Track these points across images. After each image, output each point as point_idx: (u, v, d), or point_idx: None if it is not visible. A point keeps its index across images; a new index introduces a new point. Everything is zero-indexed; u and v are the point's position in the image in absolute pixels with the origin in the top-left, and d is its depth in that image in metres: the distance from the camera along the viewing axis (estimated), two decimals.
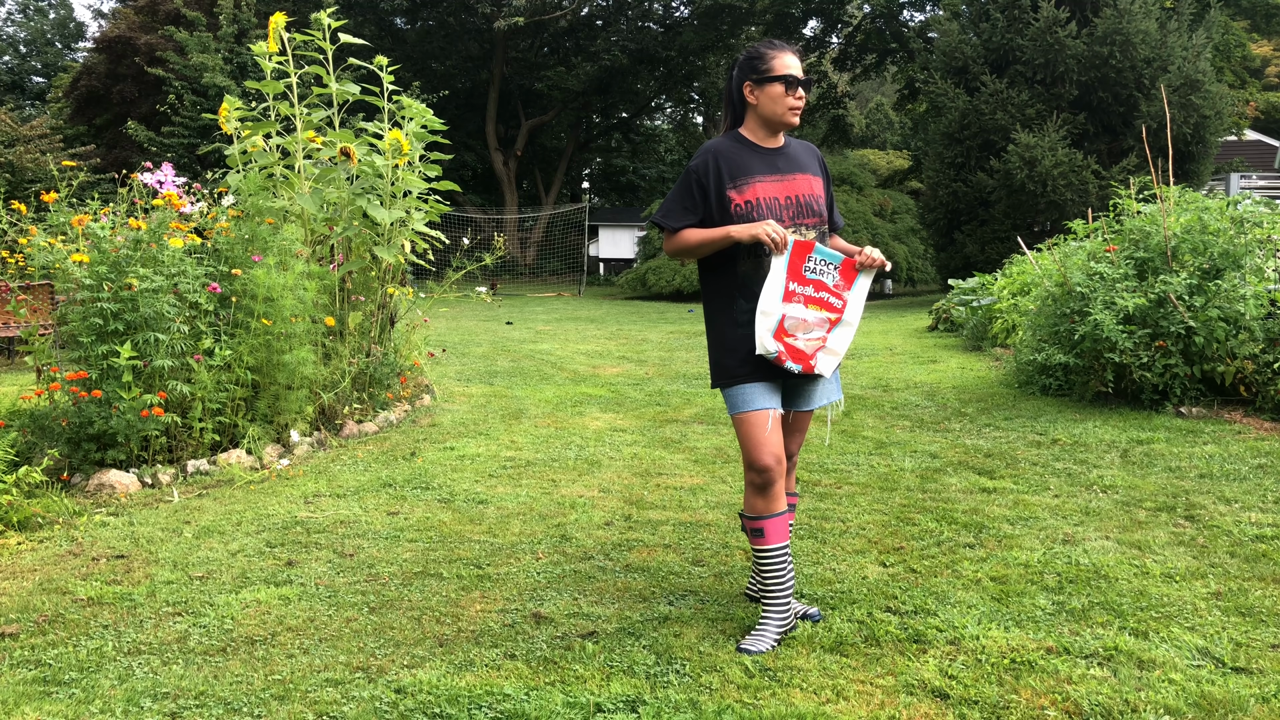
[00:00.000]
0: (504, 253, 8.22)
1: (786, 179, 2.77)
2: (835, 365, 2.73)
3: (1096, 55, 15.84)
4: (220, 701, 2.44)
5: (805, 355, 2.67)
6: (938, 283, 21.53)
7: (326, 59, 6.05)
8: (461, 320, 14.68)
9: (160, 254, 4.87)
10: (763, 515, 2.72)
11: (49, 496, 4.21)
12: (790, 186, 2.76)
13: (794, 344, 2.67)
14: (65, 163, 6.29)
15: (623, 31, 31.19)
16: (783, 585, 2.74)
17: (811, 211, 2.77)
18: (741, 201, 2.71)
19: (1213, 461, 4.70)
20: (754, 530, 2.74)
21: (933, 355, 9.46)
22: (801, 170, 2.80)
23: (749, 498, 2.76)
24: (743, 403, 2.71)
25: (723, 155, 2.76)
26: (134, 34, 23.26)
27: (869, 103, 43.98)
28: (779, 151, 2.81)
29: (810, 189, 2.79)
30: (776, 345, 2.64)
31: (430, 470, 4.87)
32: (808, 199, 2.77)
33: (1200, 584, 3.13)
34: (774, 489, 2.70)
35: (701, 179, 2.74)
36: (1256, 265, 6.11)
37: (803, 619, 2.88)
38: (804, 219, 2.76)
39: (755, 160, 2.76)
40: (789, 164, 2.80)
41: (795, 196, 2.76)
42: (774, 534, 2.71)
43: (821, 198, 2.82)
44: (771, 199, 2.73)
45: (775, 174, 2.76)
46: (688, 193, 2.76)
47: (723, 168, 2.73)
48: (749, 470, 2.73)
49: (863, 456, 5.07)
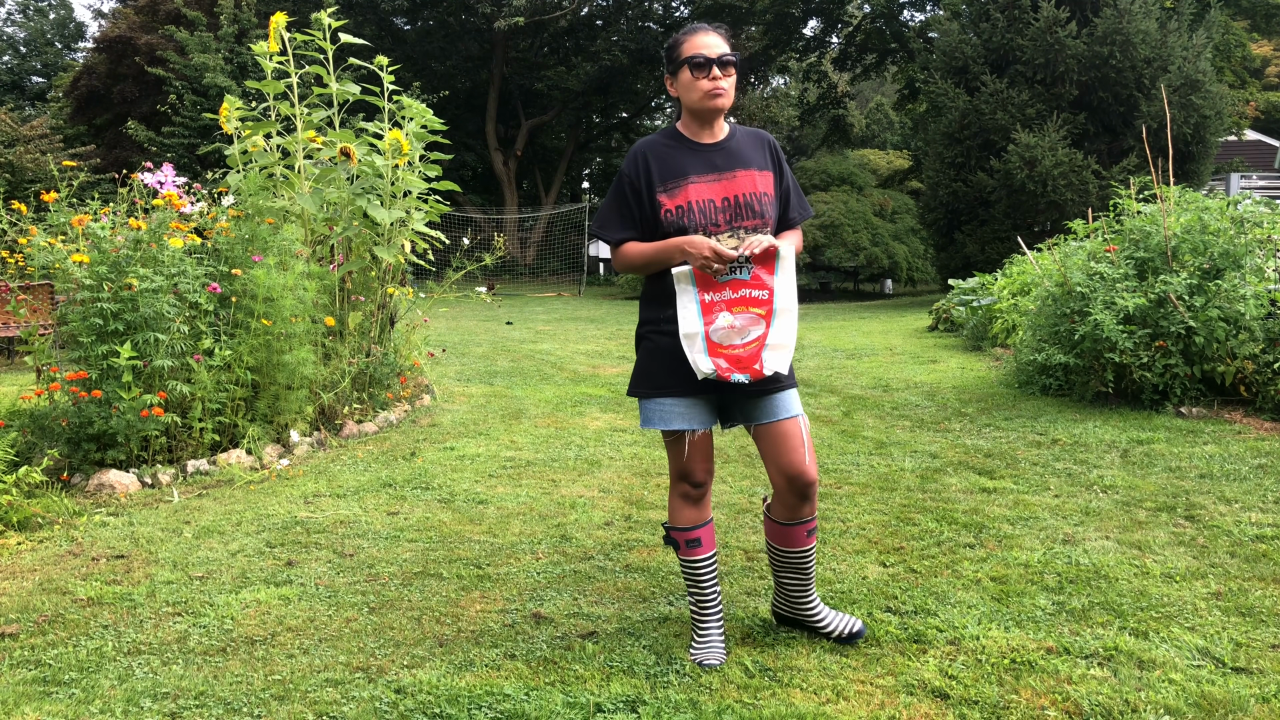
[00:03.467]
0: (504, 253, 8.22)
1: (725, 177, 2.53)
2: (787, 359, 2.47)
3: (1096, 55, 15.84)
4: (220, 701, 2.44)
5: (748, 360, 2.45)
6: (938, 283, 21.54)
7: (327, 59, 6.05)
8: (461, 320, 14.68)
9: (160, 254, 4.87)
10: (696, 525, 2.68)
11: (49, 496, 4.21)
12: (729, 186, 2.52)
13: (733, 353, 2.46)
14: (65, 163, 6.29)
15: (623, 31, 31.19)
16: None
17: (752, 212, 2.52)
18: (672, 206, 2.50)
19: (1213, 461, 4.70)
20: (690, 541, 2.67)
21: (933, 355, 9.46)
22: (744, 166, 2.55)
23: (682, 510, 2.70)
24: (657, 419, 2.59)
25: (654, 155, 2.55)
26: (134, 34, 23.28)
27: (869, 103, 43.96)
28: (718, 147, 2.57)
29: (752, 186, 2.53)
30: (710, 364, 2.45)
31: (430, 470, 4.87)
32: (748, 198, 2.52)
33: (1200, 584, 3.13)
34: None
35: (634, 182, 2.55)
36: (1257, 265, 6.10)
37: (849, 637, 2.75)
38: (742, 220, 2.52)
39: (690, 159, 2.54)
40: (729, 160, 2.55)
41: (734, 197, 2.52)
42: (708, 542, 2.70)
43: (766, 194, 2.56)
44: (706, 201, 2.50)
45: (712, 172, 2.53)
46: (622, 199, 2.57)
47: (653, 169, 2.53)
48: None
49: (863, 456, 5.07)
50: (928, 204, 18.65)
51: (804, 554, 2.69)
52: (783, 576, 2.75)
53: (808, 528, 2.66)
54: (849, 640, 2.71)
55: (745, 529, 3.83)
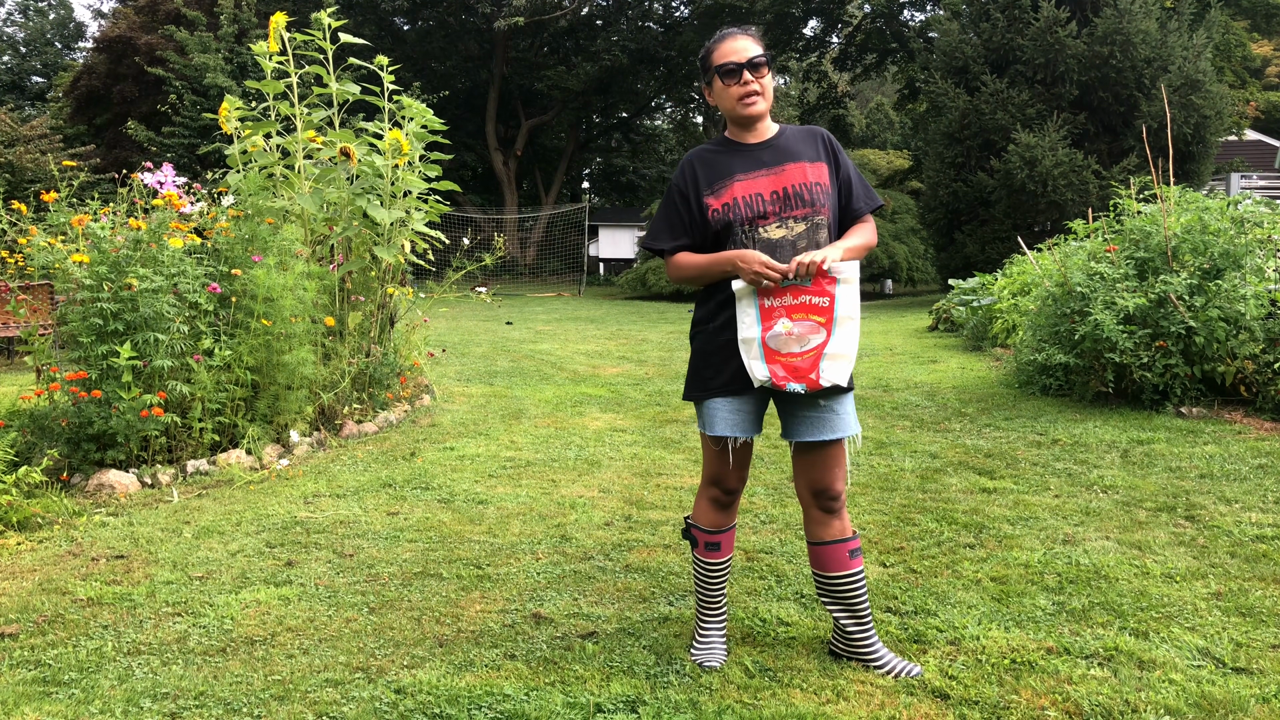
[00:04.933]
0: (504, 253, 8.22)
1: (774, 171, 2.53)
2: (847, 370, 2.41)
3: (1097, 55, 15.84)
4: (220, 702, 2.44)
5: (805, 370, 2.39)
6: (938, 283, 21.53)
7: (327, 59, 6.05)
8: (461, 320, 14.68)
9: (160, 254, 4.87)
10: (720, 529, 2.69)
11: (49, 496, 4.21)
12: (778, 179, 2.52)
13: (790, 361, 2.41)
14: (65, 163, 6.29)
15: (623, 31, 31.21)
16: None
17: (802, 202, 2.50)
18: (719, 205, 2.52)
19: (1213, 461, 4.70)
20: (710, 544, 2.68)
21: (933, 355, 9.46)
22: (794, 159, 2.55)
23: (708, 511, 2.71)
24: (707, 424, 2.58)
25: (701, 162, 2.60)
26: (134, 34, 23.29)
27: (869, 103, 43.98)
28: (766, 145, 2.58)
29: (803, 177, 2.52)
30: (766, 371, 2.42)
31: (430, 470, 4.87)
32: (798, 189, 2.51)
33: (1200, 584, 3.13)
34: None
35: (683, 190, 2.59)
36: (1257, 265, 6.10)
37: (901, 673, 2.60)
38: (791, 210, 2.50)
39: (736, 160, 2.57)
40: (777, 156, 2.56)
41: (783, 189, 2.51)
42: (727, 547, 2.71)
43: (819, 184, 2.53)
44: (754, 195, 2.51)
45: (760, 168, 2.54)
46: (672, 208, 2.60)
47: (700, 175, 2.57)
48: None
49: (863, 456, 5.07)
50: (928, 204, 18.65)
51: (848, 580, 2.55)
52: (832, 610, 2.61)
53: (848, 547, 2.55)
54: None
55: (745, 529, 3.83)
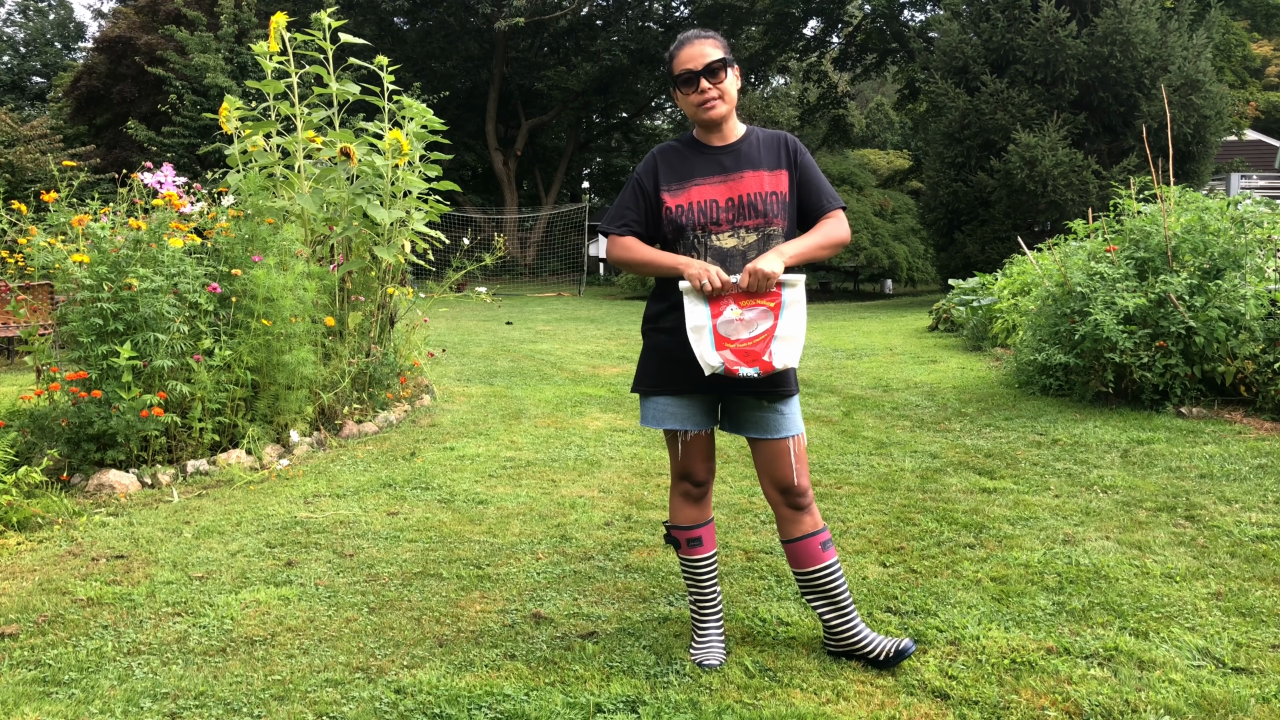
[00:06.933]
0: (504, 253, 8.22)
1: (732, 179, 2.55)
2: (797, 352, 2.43)
3: (1097, 55, 15.85)
4: (220, 702, 2.44)
5: (757, 353, 2.42)
6: (938, 283, 21.54)
7: (327, 59, 6.05)
8: (461, 320, 14.68)
9: (160, 254, 4.87)
10: (697, 524, 2.70)
11: (49, 496, 4.21)
12: (734, 187, 2.54)
13: (740, 346, 2.43)
14: (65, 163, 6.29)
15: (623, 31, 31.21)
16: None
17: (755, 212, 2.52)
18: (673, 205, 2.55)
19: (1213, 461, 4.70)
20: (691, 540, 2.69)
21: (933, 355, 9.46)
22: (753, 167, 2.56)
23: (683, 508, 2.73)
24: (653, 418, 2.63)
25: (665, 157, 2.63)
26: (134, 34, 23.29)
27: (869, 103, 43.97)
28: (729, 149, 2.59)
29: (759, 186, 2.54)
30: (718, 358, 2.42)
31: (430, 470, 4.87)
32: (752, 198, 2.53)
33: (1200, 584, 3.13)
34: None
35: (642, 180, 2.61)
36: (1257, 265, 6.10)
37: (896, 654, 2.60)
38: (744, 220, 2.52)
39: (699, 161, 2.59)
40: (738, 162, 2.57)
41: (739, 197, 2.53)
42: (709, 542, 2.72)
43: (775, 194, 2.55)
44: (708, 201, 2.54)
45: (719, 174, 2.56)
46: (631, 195, 2.63)
47: (661, 169, 2.60)
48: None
49: (863, 456, 5.07)
50: (928, 204, 18.66)
51: (824, 572, 2.59)
52: (816, 606, 2.63)
53: (819, 540, 2.59)
54: (895, 661, 2.55)
55: (745, 529, 3.83)
